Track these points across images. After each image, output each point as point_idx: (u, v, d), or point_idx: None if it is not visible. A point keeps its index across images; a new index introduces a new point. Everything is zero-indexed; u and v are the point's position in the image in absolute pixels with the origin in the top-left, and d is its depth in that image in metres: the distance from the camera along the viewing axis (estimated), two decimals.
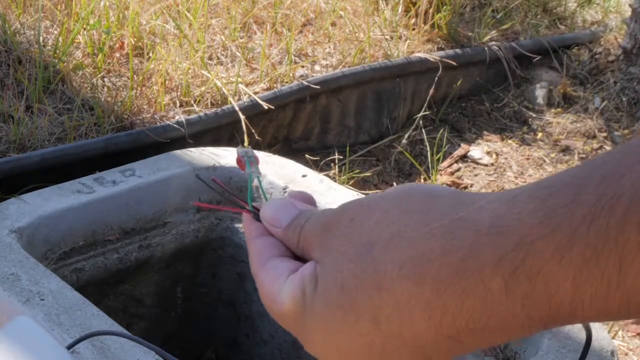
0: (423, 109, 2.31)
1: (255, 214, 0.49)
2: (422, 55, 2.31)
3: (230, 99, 1.80)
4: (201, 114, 1.73)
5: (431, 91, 2.33)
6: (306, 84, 1.98)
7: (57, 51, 1.79)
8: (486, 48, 2.49)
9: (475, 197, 0.38)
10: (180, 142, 1.61)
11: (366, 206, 0.41)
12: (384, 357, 0.40)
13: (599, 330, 1.00)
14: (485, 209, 0.37)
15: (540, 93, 2.61)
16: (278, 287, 0.43)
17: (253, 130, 1.79)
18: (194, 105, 1.77)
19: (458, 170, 2.27)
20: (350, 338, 0.40)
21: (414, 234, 0.38)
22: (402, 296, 0.37)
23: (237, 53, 2.03)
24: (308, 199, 0.49)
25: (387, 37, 2.34)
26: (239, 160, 0.52)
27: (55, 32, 1.89)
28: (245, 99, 1.84)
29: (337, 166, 2.03)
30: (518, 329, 0.36)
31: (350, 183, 1.99)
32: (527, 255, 0.35)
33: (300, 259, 0.45)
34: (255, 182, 0.55)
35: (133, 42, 1.92)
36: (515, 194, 0.36)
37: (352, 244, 0.40)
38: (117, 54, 1.89)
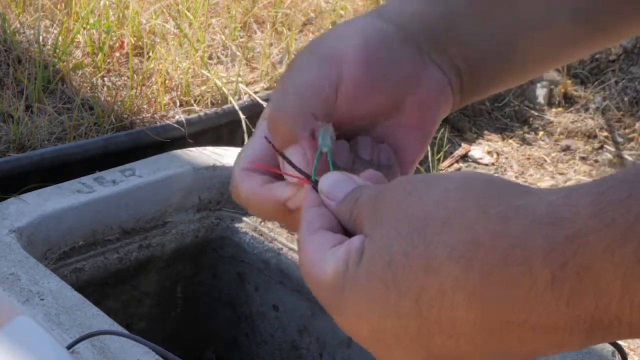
0: None
1: (316, 184, 0.47)
2: None
3: (230, 98, 1.80)
4: (201, 113, 1.72)
5: None
6: None
7: (57, 50, 1.79)
8: None
9: (538, 189, 0.37)
10: (181, 141, 1.60)
11: (427, 182, 0.40)
12: (415, 343, 0.38)
13: None
14: (544, 200, 0.35)
15: (541, 92, 2.61)
16: (322, 255, 0.42)
17: (253, 130, 1.79)
18: (194, 104, 1.77)
19: (459, 170, 2.27)
20: (387, 316, 0.38)
21: (471, 216, 0.37)
22: (447, 280, 0.36)
23: (238, 52, 2.03)
24: (376, 178, 0.47)
25: None
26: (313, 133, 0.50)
27: (55, 31, 1.89)
28: (245, 98, 1.84)
29: None
30: (560, 330, 0.35)
31: None
32: (578, 249, 0.33)
33: (352, 236, 0.43)
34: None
35: (133, 42, 1.91)
36: (575, 187, 0.35)
37: (406, 219, 0.38)
38: (117, 54, 1.89)
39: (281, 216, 0.49)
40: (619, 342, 1.67)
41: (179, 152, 1.31)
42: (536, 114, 2.56)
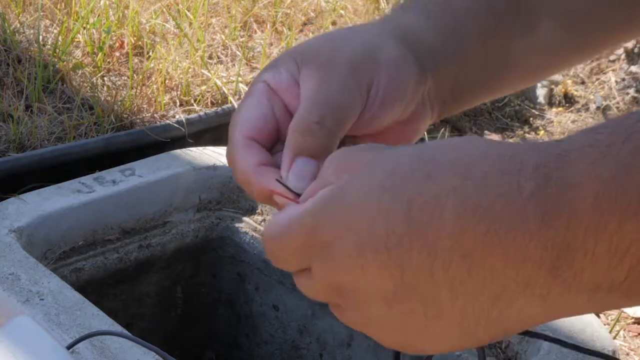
0: None
1: None
2: None
3: (230, 98, 1.80)
4: (201, 113, 1.72)
5: None
6: None
7: (57, 50, 1.79)
8: None
9: None
10: (181, 141, 1.60)
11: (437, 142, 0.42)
12: (392, 258, 0.38)
13: (600, 330, 1.00)
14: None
15: (541, 92, 2.61)
16: (293, 210, 0.43)
17: None
18: (194, 104, 1.77)
19: None
20: (375, 221, 0.38)
21: (482, 144, 0.39)
22: (444, 187, 0.37)
23: (238, 52, 2.03)
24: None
25: None
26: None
27: (55, 31, 1.89)
28: None
29: None
30: (530, 262, 0.35)
31: None
32: (562, 165, 0.35)
33: None
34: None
35: (133, 41, 1.91)
36: None
37: (417, 148, 0.40)
38: (117, 53, 1.89)
39: (267, 201, 0.50)
40: (619, 342, 1.67)
41: (179, 152, 1.31)
42: (537, 113, 2.56)
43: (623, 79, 2.64)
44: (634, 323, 1.73)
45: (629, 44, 2.66)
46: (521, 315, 0.38)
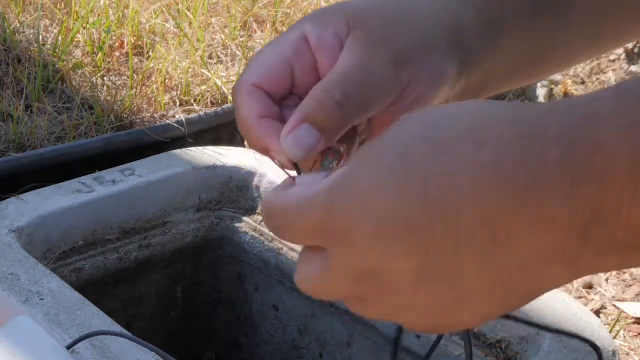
0: None
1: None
2: None
3: (230, 98, 1.80)
4: (201, 113, 1.72)
5: None
6: None
7: (57, 50, 1.79)
8: None
9: None
10: (181, 141, 1.60)
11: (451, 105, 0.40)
12: (415, 236, 0.37)
13: (600, 330, 1.00)
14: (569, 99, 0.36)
15: (541, 92, 2.61)
16: (311, 187, 0.41)
17: None
18: (194, 104, 1.77)
19: None
20: (391, 207, 0.37)
21: (495, 105, 0.37)
22: (458, 159, 0.35)
23: (238, 52, 2.03)
24: None
25: None
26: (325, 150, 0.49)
27: (55, 31, 1.89)
28: None
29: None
30: (557, 228, 0.34)
31: None
32: (591, 127, 0.33)
33: None
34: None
35: (133, 41, 1.91)
36: None
37: (425, 121, 0.38)
38: (117, 53, 1.89)
39: (264, 154, 0.48)
40: (619, 342, 1.67)
41: (179, 152, 1.31)
42: None
43: (623, 79, 2.64)
44: (634, 323, 1.73)
45: (629, 44, 2.66)
46: (549, 279, 0.36)
